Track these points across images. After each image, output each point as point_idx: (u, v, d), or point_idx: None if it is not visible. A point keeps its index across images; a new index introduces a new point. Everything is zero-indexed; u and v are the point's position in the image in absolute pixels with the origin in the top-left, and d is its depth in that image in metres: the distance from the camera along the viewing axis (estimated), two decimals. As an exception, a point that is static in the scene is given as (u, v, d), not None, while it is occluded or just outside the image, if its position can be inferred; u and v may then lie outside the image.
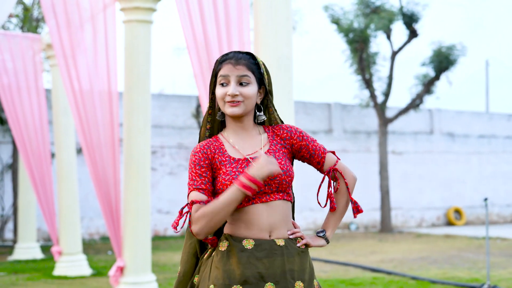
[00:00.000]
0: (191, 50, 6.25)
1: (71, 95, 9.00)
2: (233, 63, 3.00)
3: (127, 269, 8.41)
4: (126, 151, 8.43)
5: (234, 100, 2.97)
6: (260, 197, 2.96)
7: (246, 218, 2.95)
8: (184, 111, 20.65)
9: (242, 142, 3.06)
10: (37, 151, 11.72)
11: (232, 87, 2.98)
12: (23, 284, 10.28)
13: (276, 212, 2.98)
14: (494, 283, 9.56)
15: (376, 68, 21.13)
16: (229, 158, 2.99)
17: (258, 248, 2.92)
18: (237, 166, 2.97)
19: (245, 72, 3.00)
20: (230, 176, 2.93)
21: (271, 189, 2.96)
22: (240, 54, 3.04)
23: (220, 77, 3.01)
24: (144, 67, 8.49)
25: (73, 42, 9.18)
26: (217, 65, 3.05)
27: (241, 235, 2.96)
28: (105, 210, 8.65)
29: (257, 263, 2.90)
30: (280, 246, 2.96)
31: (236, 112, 2.99)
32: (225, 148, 3.03)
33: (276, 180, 2.96)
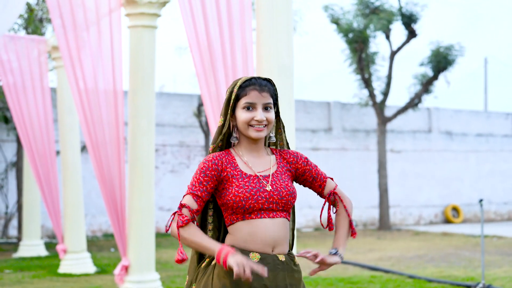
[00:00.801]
0: (193, 49, 6.39)
1: (77, 94, 9.10)
2: (259, 90, 3.23)
3: (131, 268, 8.56)
4: (131, 152, 8.62)
5: (260, 125, 3.22)
6: (268, 213, 3.19)
7: (252, 230, 3.17)
8: (185, 110, 20.83)
9: (253, 160, 3.29)
10: (42, 149, 11.88)
11: (259, 113, 3.21)
12: (29, 282, 10.47)
13: (280, 229, 3.22)
14: (489, 282, 9.75)
15: (375, 67, 21.28)
16: (241, 172, 3.22)
17: (264, 262, 3.15)
18: (249, 181, 3.19)
19: (269, 100, 3.25)
20: (243, 189, 3.16)
21: (277, 208, 3.21)
22: (262, 80, 3.27)
23: (246, 103, 3.22)
24: (149, 70, 8.68)
25: (78, 43, 9.28)
26: (238, 89, 3.25)
27: (247, 248, 3.17)
28: (110, 209, 8.80)
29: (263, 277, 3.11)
30: (282, 261, 3.21)
31: (261, 136, 3.24)
32: (237, 163, 3.26)
33: (283, 200, 3.21)
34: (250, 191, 3.16)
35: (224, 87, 6.19)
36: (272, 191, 3.19)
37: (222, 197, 3.21)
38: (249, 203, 3.15)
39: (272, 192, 3.19)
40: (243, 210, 3.15)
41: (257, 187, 3.18)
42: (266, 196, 3.17)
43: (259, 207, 3.16)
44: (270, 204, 3.18)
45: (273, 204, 3.18)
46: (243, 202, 3.14)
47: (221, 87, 6.21)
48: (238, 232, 3.20)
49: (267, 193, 3.18)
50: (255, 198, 3.15)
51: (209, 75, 6.28)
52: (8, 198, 17.85)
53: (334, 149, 23.00)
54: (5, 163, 17.97)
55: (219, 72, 6.21)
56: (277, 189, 3.21)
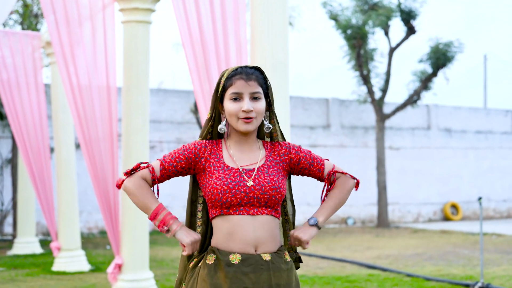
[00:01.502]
0: (186, 45, 6.28)
1: (69, 90, 9.01)
2: (245, 79, 3.09)
3: (125, 266, 8.48)
4: (125, 149, 8.51)
5: (248, 116, 3.07)
6: (248, 209, 3.05)
7: (231, 229, 3.04)
8: (182, 106, 20.74)
9: (241, 154, 3.15)
10: (36, 146, 11.79)
11: (246, 103, 3.07)
12: (23, 280, 10.37)
13: (263, 227, 3.07)
14: (488, 281, 9.67)
15: (374, 64, 21.23)
16: (223, 165, 3.09)
17: (245, 263, 3.01)
18: (229, 174, 3.06)
19: (257, 89, 3.11)
20: (222, 181, 3.03)
21: (259, 203, 3.06)
22: (249, 69, 3.13)
23: (232, 93, 3.09)
24: (143, 66, 8.57)
25: (71, 39, 9.20)
26: (225, 80, 3.12)
27: (227, 249, 3.04)
28: (103, 206, 8.71)
29: (244, 278, 2.99)
30: (266, 261, 3.05)
31: (250, 129, 3.10)
32: (222, 154, 3.13)
33: (266, 195, 3.06)
34: (228, 184, 3.03)
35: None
36: (254, 186, 3.04)
37: (204, 189, 3.11)
38: (226, 196, 3.02)
39: (253, 187, 3.04)
40: (221, 203, 3.03)
41: (237, 181, 3.04)
42: (246, 191, 3.03)
43: (237, 202, 3.03)
44: (250, 199, 3.03)
45: (253, 199, 3.04)
46: (220, 195, 3.02)
47: (214, 84, 6.08)
48: (218, 230, 3.08)
49: (247, 188, 3.04)
50: (233, 192, 3.02)
51: (202, 71, 6.17)
52: (3, 195, 17.75)
53: (332, 146, 22.92)
54: (0, 160, 17.84)
55: (212, 69, 6.10)
56: (259, 184, 3.06)
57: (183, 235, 3.03)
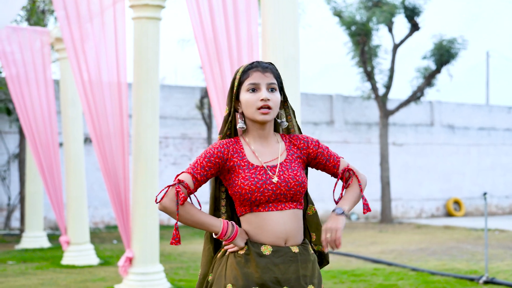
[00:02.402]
0: (199, 41, 6.35)
1: (81, 85, 9.08)
2: (261, 70, 3.19)
3: (135, 260, 8.56)
4: (135, 144, 8.59)
5: (266, 105, 3.15)
6: (276, 205, 3.16)
7: (262, 225, 3.16)
8: (187, 102, 20.82)
9: (262, 148, 3.24)
10: (45, 141, 11.87)
11: (264, 92, 3.16)
12: (33, 273, 10.48)
13: (291, 221, 3.19)
14: (492, 275, 9.76)
15: (378, 60, 21.27)
16: (248, 163, 3.18)
17: (276, 255, 3.13)
18: (255, 173, 3.15)
19: (273, 80, 3.20)
20: (249, 181, 3.13)
21: (285, 199, 3.17)
22: (264, 63, 3.23)
23: (249, 84, 3.18)
24: (153, 62, 8.65)
25: (82, 35, 9.25)
26: (241, 74, 3.22)
27: (259, 241, 3.16)
28: (114, 201, 8.78)
29: (274, 268, 3.11)
30: (295, 253, 3.18)
31: (267, 118, 3.17)
32: (245, 152, 3.22)
33: (291, 191, 3.17)
34: (256, 184, 3.12)
35: (229, 80, 6.17)
36: (279, 183, 3.14)
37: (230, 188, 3.19)
38: (255, 195, 3.12)
39: (279, 184, 3.13)
40: (250, 202, 3.13)
41: (263, 179, 3.13)
42: (273, 188, 3.12)
43: (265, 200, 3.13)
44: (277, 196, 3.14)
45: (280, 195, 3.14)
46: (249, 194, 3.12)
47: (227, 80, 6.19)
48: (248, 225, 3.19)
49: (273, 185, 3.13)
50: (261, 190, 3.11)
51: (214, 66, 6.25)
52: (10, 190, 17.87)
53: (336, 142, 22.99)
54: (7, 154, 17.98)
55: (225, 64, 6.18)
56: (285, 180, 3.15)
57: (240, 241, 3.16)
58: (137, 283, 8.51)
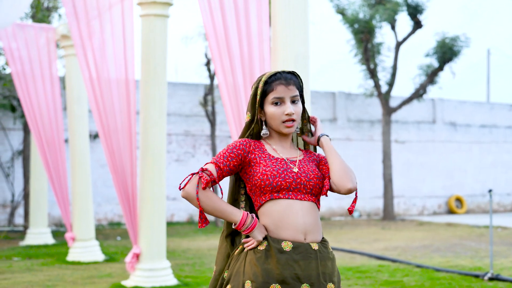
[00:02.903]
0: (210, 37, 6.34)
1: (89, 83, 9.10)
2: (285, 84, 3.29)
3: (143, 256, 8.60)
4: (142, 141, 8.62)
5: (290, 119, 3.27)
6: (296, 194, 3.22)
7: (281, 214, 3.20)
8: (190, 99, 20.83)
9: (282, 149, 3.36)
10: (50, 137, 11.87)
11: (289, 107, 3.27)
12: (39, 269, 10.50)
13: (310, 214, 3.24)
14: (497, 272, 9.80)
15: (381, 58, 21.30)
16: (269, 156, 3.29)
17: (296, 251, 3.16)
18: (276, 162, 3.25)
19: (295, 92, 3.31)
20: (271, 168, 3.22)
21: (305, 189, 3.24)
22: (287, 74, 3.32)
23: (274, 98, 3.28)
24: (161, 59, 8.67)
25: (90, 32, 9.27)
26: (264, 84, 3.32)
27: (279, 237, 3.19)
28: (122, 197, 8.80)
29: (295, 265, 3.14)
30: (315, 250, 3.21)
31: (292, 131, 3.31)
32: (265, 148, 3.33)
33: (311, 182, 3.25)
34: (277, 170, 3.21)
35: (240, 76, 6.17)
36: (300, 173, 3.23)
37: (251, 179, 3.26)
38: (277, 180, 3.18)
39: (299, 174, 3.23)
40: (271, 188, 3.19)
41: (284, 167, 3.23)
42: (294, 177, 3.21)
43: (286, 186, 3.19)
44: (297, 184, 3.21)
45: (300, 185, 3.22)
46: (271, 179, 3.18)
47: (237, 75, 6.18)
48: (268, 217, 3.23)
49: (294, 174, 3.22)
50: (282, 176, 3.19)
51: (225, 63, 6.25)
52: (14, 187, 17.88)
53: (339, 139, 23.01)
54: (11, 151, 17.99)
55: (236, 60, 6.18)
56: (304, 172, 3.25)
57: (258, 234, 3.21)
58: (144, 279, 8.54)
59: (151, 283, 8.52)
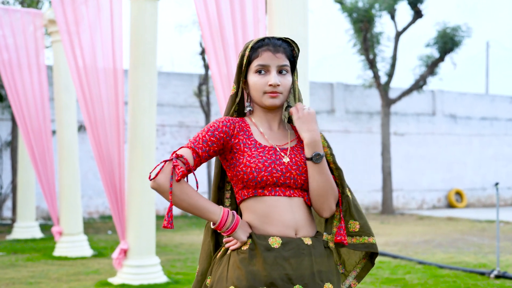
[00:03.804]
0: (203, 25, 5.98)
1: (75, 71, 8.79)
2: (272, 50, 2.78)
3: (130, 252, 8.23)
4: (131, 131, 8.22)
5: (274, 90, 2.77)
6: (284, 190, 2.74)
7: (266, 211, 2.72)
8: (185, 89, 20.44)
9: (270, 132, 2.85)
10: (37, 128, 11.48)
11: (273, 76, 2.76)
12: (23, 265, 10.09)
13: (300, 210, 2.76)
14: (503, 269, 9.41)
15: (380, 48, 20.97)
16: (255, 142, 2.78)
17: (286, 248, 2.69)
18: (263, 152, 2.75)
19: (285, 62, 2.80)
20: (256, 159, 2.71)
21: (295, 185, 2.75)
22: (276, 40, 2.82)
23: (258, 65, 2.78)
24: (150, 45, 8.25)
25: (77, 17, 8.97)
26: (251, 51, 2.82)
27: (265, 232, 2.72)
28: (109, 190, 8.45)
29: (285, 264, 2.67)
30: (308, 245, 2.73)
31: (276, 103, 2.79)
32: (252, 131, 2.83)
33: (303, 176, 2.75)
34: (264, 162, 2.71)
35: (235, 66, 5.77)
36: (290, 165, 2.74)
37: (232, 168, 2.77)
38: (262, 175, 2.69)
39: (289, 166, 2.73)
40: (255, 183, 2.70)
41: (272, 159, 2.72)
42: (282, 170, 2.71)
43: (273, 181, 2.70)
44: (286, 179, 2.71)
45: (290, 180, 2.72)
46: (255, 173, 2.69)
47: (232, 65, 5.79)
48: (250, 213, 2.75)
49: (283, 166, 2.72)
50: (269, 170, 2.69)
51: (219, 52, 5.85)
52: (2, 179, 17.45)
53: (337, 131, 22.66)
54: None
55: (230, 50, 5.78)
56: (296, 163, 2.75)
57: (241, 234, 2.72)
58: (132, 276, 8.20)
59: (139, 280, 8.15)
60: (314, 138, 2.75)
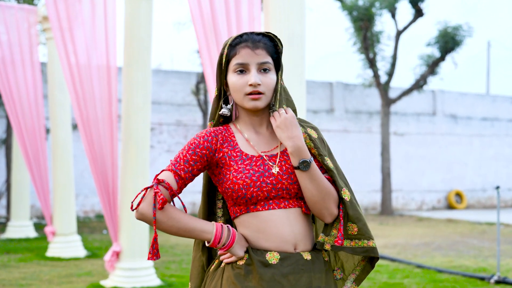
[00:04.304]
0: (196, 23, 5.80)
1: (67, 69, 8.61)
2: (251, 47, 2.55)
3: (123, 254, 8.05)
4: (125, 129, 8.03)
5: (256, 91, 2.55)
6: (278, 203, 2.54)
7: (265, 227, 2.53)
8: (183, 88, 20.25)
9: (257, 137, 2.64)
10: (31, 126, 11.29)
11: (253, 75, 2.54)
12: (15, 266, 9.91)
13: (298, 222, 2.57)
14: (503, 274, 9.22)
15: (380, 47, 20.80)
16: (241, 153, 2.57)
17: (284, 263, 2.50)
18: (250, 163, 2.54)
19: (265, 58, 2.56)
20: (243, 174, 2.51)
21: (289, 195, 2.55)
22: (256, 35, 2.59)
23: (236, 64, 2.56)
24: (145, 42, 8.07)
25: (70, 14, 8.78)
26: (229, 49, 2.59)
27: (262, 247, 2.54)
28: (101, 190, 8.26)
29: (283, 281, 2.49)
30: (307, 260, 2.55)
31: (258, 106, 2.57)
32: (236, 141, 2.62)
33: (296, 185, 2.55)
34: (251, 177, 2.51)
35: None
36: (281, 174, 2.53)
37: (220, 184, 2.57)
38: (251, 191, 2.50)
39: (280, 176, 2.53)
40: (245, 200, 2.52)
41: (260, 171, 2.52)
42: (273, 181, 2.51)
43: (264, 196, 2.51)
44: (278, 191, 2.52)
45: (282, 191, 2.53)
46: (244, 190, 2.50)
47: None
48: (246, 228, 2.55)
49: (273, 177, 2.52)
50: (258, 184, 2.50)
51: (212, 51, 5.66)
52: (-4, 177, 17.27)
53: (336, 130, 22.48)
54: (-6, 140, 17.36)
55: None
56: (287, 172, 2.54)
57: (238, 249, 2.53)
58: (124, 279, 8.02)
59: (132, 283, 7.98)
60: (297, 145, 2.52)
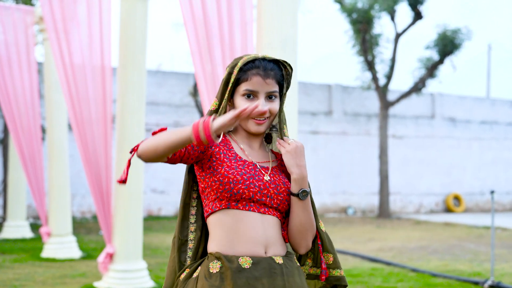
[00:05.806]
0: (188, 25, 5.80)
1: (62, 69, 8.59)
2: (263, 75, 2.67)
3: (117, 256, 8.02)
4: (119, 131, 8.01)
5: (262, 117, 2.69)
6: (258, 207, 2.62)
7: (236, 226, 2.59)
8: (181, 89, 20.24)
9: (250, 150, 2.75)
10: (27, 126, 11.28)
11: (262, 104, 2.67)
12: (10, 266, 9.89)
13: (272, 228, 2.65)
14: (497, 279, 9.19)
15: (379, 49, 20.79)
16: (235, 155, 2.68)
17: (257, 267, 2.55)
18: (243, 165, 2.64)
19: (274, 88, 2.71)
20: (235, 171, 2.60)
21: (271, 203, 2.64)
22: (268, 63, 2.69)
23: (246, 90, 2.67)
24: (140, 43, 8.05)
25: (65, 15, 8.77)
26: (239, 71, 2.68)
27: (233, 253, 2.58)
28: (95, 191, 8.24)
29: (257, 284, 2.53)
30: (279, 264, 2.61)
31: (261, 130, 2.72)
32: (232, 146, 2.72)
33: (280, 196, 2.65)
34: (242, 175, 2.60)
35: (220, 66, 5.61)
36: (269, 183, 2.64)
37: (208, 178, 2.62)
38: (238, 187, 2.58)
39: (268, 184, 2.64)
40: (230, 194, 2.58)
41: (252, 174, 2.63)
42: (261, 186, 2.62)
43: (249, 196, 2.60)
44: (263, 196, 2.62)
45: (266, 197, 2.63)
46: (232, 185, 2.58)
47: (217, 66, 5.61)
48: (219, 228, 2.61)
49: (262, 183, 2.63)
50: (247, 184, 2.59)
51: (204, 52, 5.67)
52: (-6, 176, 17.25)
53: (334, 133, 22.47)
54: (-9, 139, 17.33)
55: (216, 50, 5.59)
56: (275, 182, 2.66)
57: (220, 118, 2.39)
58: (117, 280, 7.99)
59: (125, 285, 7.95)
60: (303, 174, 2.67)
